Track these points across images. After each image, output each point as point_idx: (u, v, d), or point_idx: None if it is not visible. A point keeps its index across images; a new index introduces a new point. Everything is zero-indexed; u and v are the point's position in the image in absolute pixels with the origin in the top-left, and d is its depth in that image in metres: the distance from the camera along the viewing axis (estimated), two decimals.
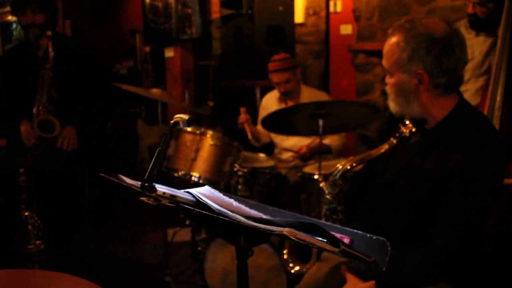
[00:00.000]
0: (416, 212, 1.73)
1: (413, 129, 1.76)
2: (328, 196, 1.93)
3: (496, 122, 2.63)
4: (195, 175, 2.89)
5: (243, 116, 3.51)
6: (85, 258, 3.28)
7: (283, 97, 3.57)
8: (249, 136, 3.51)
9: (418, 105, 1.72)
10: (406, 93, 1.71)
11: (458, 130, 1.70)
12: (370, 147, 3.05)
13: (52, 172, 2.99)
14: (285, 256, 2.30)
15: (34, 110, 2.87)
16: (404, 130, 1.77)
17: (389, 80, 1.75)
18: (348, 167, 1.86)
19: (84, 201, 3.24)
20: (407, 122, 1.77)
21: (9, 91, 3.18)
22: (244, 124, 3.49)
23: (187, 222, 3.69)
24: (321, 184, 1.97)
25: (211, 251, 2.82)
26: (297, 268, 2.32)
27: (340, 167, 1.88)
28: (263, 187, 3.23)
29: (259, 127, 3.69)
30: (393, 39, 1.69)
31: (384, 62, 1.74)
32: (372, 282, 1.67)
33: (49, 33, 2.92)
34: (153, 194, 1.08)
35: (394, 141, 1.78)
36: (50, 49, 2.89)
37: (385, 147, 1.81)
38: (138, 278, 3.36)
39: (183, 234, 3.74)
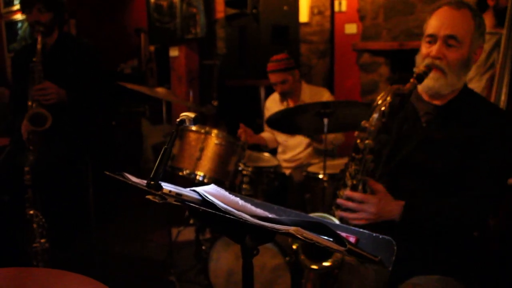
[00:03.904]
0: (439, 184, 1.76)
1: (426, 70, 1.75)
2: (365, 134, 1.77)
3: None
4: (199, 174, 2.89)
5: (240, 130, 3.43)
6: (89, 257, 3.28)
7: (286, 97, 3.56)
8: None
9: (466, 77, 1.82)
10: (467, 66, 1.78)
11: (473, 103, 1.81)
12: None
13: (53, 168, 2.98)
14: (294, 246, 2.21)
15: (29, 103, 2.88)
16: (418, 71, 1.75)
17: (451, 52, 1.75)
18: (388, 103, 1.73)
19: (88, 200, 3.25)
20: (420, 67, 1.77)
21: (17, 89, 3.20)
22: (241, 136, 3.42)
23: (191, 221, 3.69)
24: (363, 123, 1.83)
25: (216, 251, 2.81)
26: (314, 266, 2.25)
27: (380, 100, 1.74)
28: (267, 187, 3.23)
29: (265, 133, 3.69)
30: (465, 11, 1.74)
31: (454, 31, 1.73)
32: (402, 202, 1.72)
33: (41, 28, 2.96)
34: (159, 193, 1.08)
35: (416, 81, 1.75)
36: (38, 44, 2.91)
37: (409, 87, 1.74)
38: (142, 277, 3.36)
39: (187, 233, 3.74)
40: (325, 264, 2.00)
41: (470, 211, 1.72)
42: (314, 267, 2.06)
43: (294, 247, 2.11)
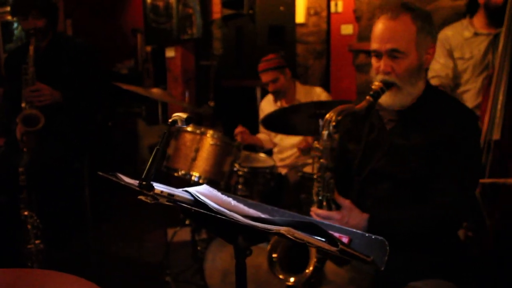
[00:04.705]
0: (408, 191, 1.75)
1: (383, 87, 1.73)
2: (318, 153, 1.81)
3: (498, 122, 2.61)
4: (195, 175, 2.89)
5: (237, 129, 3.47)
6: (85, 258, 3.27)
7: (279, 96, 3.57)
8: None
9: (422, 82, 1.77)
10: (419, 72, 1.74)
11: (435, 103, 1.76)
12: None
13: (49, 168, 2.97)
14: (274, 255, 2.24)
15: (23, 105, 2.88)
16: (375, 87, 1.73)
17: (399, 64, 1.70)
18: (334, 122, 1.75)
19: (84, 200, 3.24)
20: (376, 83, 1.74)
21: (13, 90, 3.20)
22: (237, 136, 3.45)
23: (187, 221, 3.68)
24: (316, 145, 1.86)
25: (211, 251, 2.81)
26: (292, 279, 2.29)
27: (328, 118, 1.76)
28: (263, 187, 3.23)
29: (261, 134, 3.69)
30: (403, 18, 1.68)
31: (394, 44, 1.68)
32: (366, 216, 1.72)
33: (38, 34, 2.97)
34: (151, 193, 1.08)
35: (371, 99, 1.73)
36: (31, 46, 2.90)
37: (364, 104, 1.73)
38: (138, 278, 3.35)
39: (183, 234, 3.73)
40: (300, 277, 2.06)
41: (434, 219, 1.69)
42: (290, 282, 2.12)
43: (274, 255, 2.15)
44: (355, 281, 1.82)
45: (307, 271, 1.89)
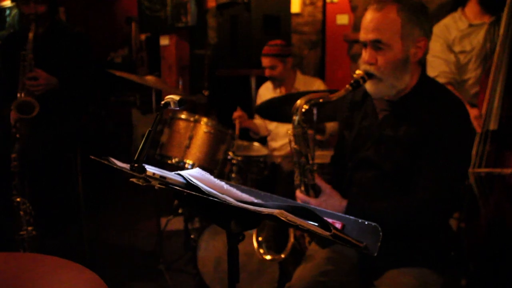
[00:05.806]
0: (392, 182, 1.75)
1: (365, 76, 1.73)
2: (293, 137, 1.86)
3: (496, 112, 2.60)
4: (188, 163, 2.88)
5: (236, 113, 3.48)
6: (78, 246, 3.26)
7: (277, 84, 3.56)
8: (236, 132, 3.47)
9: (408, 75, 1.73)
10: (405, 64, 1.70)
11: (427, 96, 1.73)
12: None
13: (42, 156, 2.96)
14: (260, 238, 2.31)
15: (18, 94, 2.87)
16: (356, 76, 1.73)
17: (382, 56, 1.69)
18: (306, 107, 1.80)
19: (77, 189, 3.23)
20: (358, 71, 1.75)
21: (7, 77, 3.18)
22: (236, 121, 3.46)
23: (180, 210, 3.68)
24: (289, 132, 1.87)
25: (204, 240, 2.81)
26: (268, 257, 2.34)
27: (298, 106, 1.82)
28: (256, 176, 3.23)
29: (257, 120, 3.68)
30: (388, 10, 1.66)
31: (377, 35, 1.67)
32: (345, 202, 1.73)
33: (32, 16, 2.96)
34: (143, 175, 1.07)
35: (350, 87, 1.74)
36: (31, 32, 2.89)
37: (341, 92, 1.75)
38: (131, 266, 3.35)
39: (176, 223, 3.73)
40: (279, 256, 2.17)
41: (411, 214, 1.68)
42: (268, 257, 2.26)
43: (260, 239, 2.19)
44: (335, 261, 1.82)
45: (285, 250, 1.93)
